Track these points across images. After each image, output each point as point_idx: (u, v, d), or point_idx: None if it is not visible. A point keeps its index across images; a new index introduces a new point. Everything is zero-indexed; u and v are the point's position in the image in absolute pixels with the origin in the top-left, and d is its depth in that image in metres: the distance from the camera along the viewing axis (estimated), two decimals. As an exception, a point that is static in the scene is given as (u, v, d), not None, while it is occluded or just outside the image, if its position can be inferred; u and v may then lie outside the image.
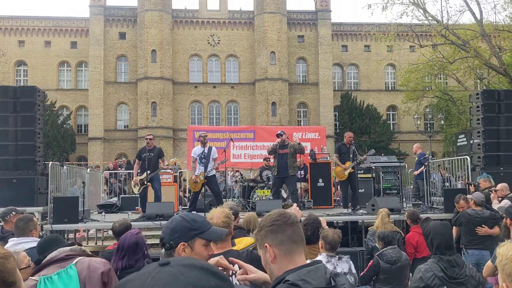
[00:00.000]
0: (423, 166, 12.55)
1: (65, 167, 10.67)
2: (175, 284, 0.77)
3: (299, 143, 10.34)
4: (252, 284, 2.13)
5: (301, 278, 1.64)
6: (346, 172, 10.19)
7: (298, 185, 12.82)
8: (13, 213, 5.48)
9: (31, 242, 3.85)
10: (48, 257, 2.68)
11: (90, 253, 2.84)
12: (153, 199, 10.06)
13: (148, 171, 9.76)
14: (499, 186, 7.82)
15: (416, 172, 13.23)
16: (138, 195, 10.42)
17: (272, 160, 13.59)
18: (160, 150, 10.32)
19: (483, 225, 6.58)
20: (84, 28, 40.66)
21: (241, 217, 4.79)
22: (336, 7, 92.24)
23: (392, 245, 5.29)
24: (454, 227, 7.24)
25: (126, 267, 3.54)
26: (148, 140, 10.12)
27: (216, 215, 2.90)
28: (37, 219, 6.83)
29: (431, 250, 3.74)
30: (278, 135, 10.29)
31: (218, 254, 2.67)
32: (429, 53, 26.41)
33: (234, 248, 3.19)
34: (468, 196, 7.48)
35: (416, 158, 13.44)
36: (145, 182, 9.78)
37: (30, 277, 2.59)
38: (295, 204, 3.75)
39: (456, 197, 7.54)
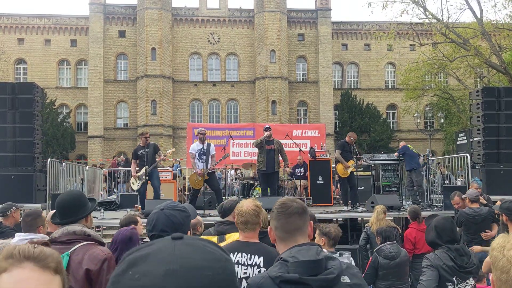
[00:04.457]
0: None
1: (63, 164, 10.65)
2: (208, 254, 0.77)
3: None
4: None
5: (292, 255, 1.82)
6: (349, 170, 10.20)
7: (298, 182, 12.85)
8: (13, 208, 5.47)
9: (38, 238, 3.81)
10: (52, 235, 2.58)
11: (95, 237, 2.66)
12: (152, 196, 10.05)
13: (146, 167, 9.75)
14: None
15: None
16: (137, 193, 10.40)
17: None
18: (156, 145, 10.35)
19: (486, 230, 6.44)
20: (84, 26, 40.60)
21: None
22: (336, 5, 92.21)
23: (390, 240, 5.24)
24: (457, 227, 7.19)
25: (117, 259, 3.54)
26: (146, 138, 10.07)
27: (246, 203, 2.94)
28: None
29: (434, 244, 3.71)
30: (265, 129, 10.40)
31: (246, 242, 2.84)
32: (429, 51, 26.37)
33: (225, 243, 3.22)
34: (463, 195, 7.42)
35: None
36: (144, 177, 9.77)
37: None
38: None
39: (451, 194, 7.51)
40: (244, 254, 2.79)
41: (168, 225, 2.09)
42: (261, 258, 2.73)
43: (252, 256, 2.78)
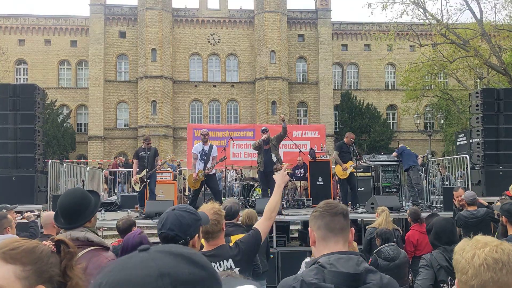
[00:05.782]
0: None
1: (64, 165, 10.70)
2: (143, 269, 0.77)
3: (284, 120, 10.35)
4: None
5: (331, 262, 1.74)
6: (348, 172, 10.22)
7: (298, 183, 12.87)
8: (4, 210, 5.55)
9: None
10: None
11: (99, 242, 2.55)
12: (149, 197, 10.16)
13: (147, 169, 9.90)
14: None
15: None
16: (138, 193, 10.50)
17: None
18: (156, 150, 10.61)
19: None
20: (84, 26, 40.64)
21: (240, 214, 4.81)
22: (336, 6, 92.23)
23: (390, 242, 5.26)
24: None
25: None
26: (148, 143, 10.29)
27: (206, 211, 2.84)
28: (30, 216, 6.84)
29: (434, 245, 3.74)
30: (263, 131, 10.45)
31: (210, 251, 2.72)
32: (429, 52, 26.39)
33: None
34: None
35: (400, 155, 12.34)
36: (145, 179, 9.90)
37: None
38: (285, 165, 3.77)
39: (455, 187, 7.51)
40: (213, 264, 2.73)
41: (176, 225, 2.12)
42: (230, 260, 2.75)
43: (222, 263, 2.77)
